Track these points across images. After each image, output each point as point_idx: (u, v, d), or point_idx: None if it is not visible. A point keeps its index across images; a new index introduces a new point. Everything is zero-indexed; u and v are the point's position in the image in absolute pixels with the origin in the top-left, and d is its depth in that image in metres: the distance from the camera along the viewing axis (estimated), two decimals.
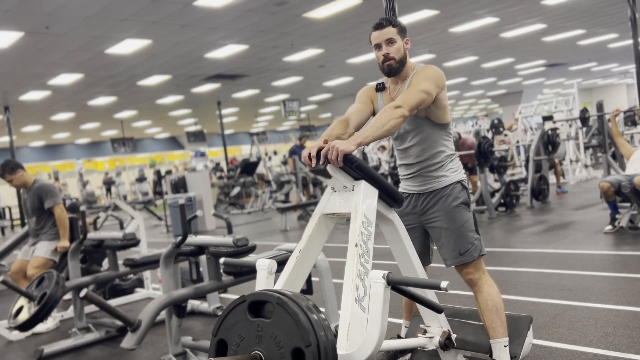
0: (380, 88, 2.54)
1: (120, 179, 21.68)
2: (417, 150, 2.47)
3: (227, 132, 28.34)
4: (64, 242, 4.69)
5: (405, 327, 2.76)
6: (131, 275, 5.41)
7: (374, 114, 2.57)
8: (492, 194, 8.33)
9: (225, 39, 10.54)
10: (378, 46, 2.41)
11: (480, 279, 2.45)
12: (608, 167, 7.48)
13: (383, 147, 14.06)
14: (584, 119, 7.56)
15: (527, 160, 9.29)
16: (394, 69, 2.41)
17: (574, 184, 11.17)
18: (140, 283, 5.54)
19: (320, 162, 2.05)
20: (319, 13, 9.46)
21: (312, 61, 13.68)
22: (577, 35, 14.67)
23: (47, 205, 4.71)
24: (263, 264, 2.19)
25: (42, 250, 4.72)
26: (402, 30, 2.42)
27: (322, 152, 2.03)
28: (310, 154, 2.07)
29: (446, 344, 2.34)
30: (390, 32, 2.38)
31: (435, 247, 2.61)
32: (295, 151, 11.50)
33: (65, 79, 12.48)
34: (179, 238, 3.32)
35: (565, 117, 12.48)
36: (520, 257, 5.26)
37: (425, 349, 2.42)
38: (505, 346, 2.40)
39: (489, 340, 2.44)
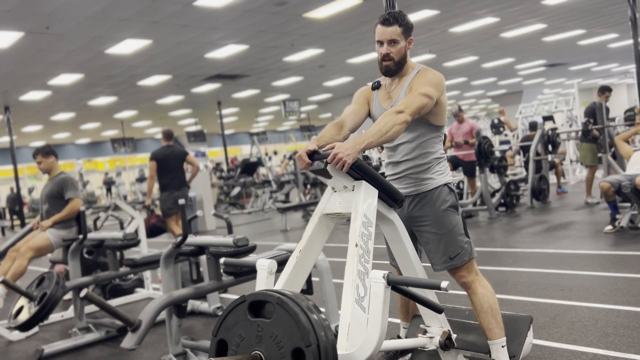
0: (376, 86, 2.52)
1: (120, 179, 21.68)
2: (406, 148, 2.44)
3: (227, 132, 28.31)
4: (48, 222, 4.70)
5: (404, 327, 2.76)
6: (131, 275, 5.41)
7: (369, 114, 2.55)
8: (492, 194, 8.33)
9: (226, 39, 10.54)
10: (380, 42, 2.38)
11: (474, 281, 2.44)
12: (608, 167, 7.48)
13: (382, 147, 14.04)
14: (586, 131, 7.54)
15: (527, 160, 9.28)
16: (391, 70, 2.40)
17: (574, 184, 11.17)
18: (140, 283, 5.54)
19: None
20: (319, 13, 9.46)
21: (312, 61, 13.67)
22: (577, 35, 14.67)
23: (67, 195, 4.78)
24: (263, 264, 2.19)
25: (48, 233, 4.74)
26: (407, 30, 2.38)
27: (328, 159, 2.04)
28: (301, 155, 2.09)
29: (446, 344, 2.34)
30: (395, 32, 2.34)
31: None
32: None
33: (65, 79, 12.48)
34: (179, 238, 3.33)
35: (566, 120, 12.45)
36: (520, 257, 5.26)
37: (426, 349, 2.42)
38: (502, 346, 2.39)
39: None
